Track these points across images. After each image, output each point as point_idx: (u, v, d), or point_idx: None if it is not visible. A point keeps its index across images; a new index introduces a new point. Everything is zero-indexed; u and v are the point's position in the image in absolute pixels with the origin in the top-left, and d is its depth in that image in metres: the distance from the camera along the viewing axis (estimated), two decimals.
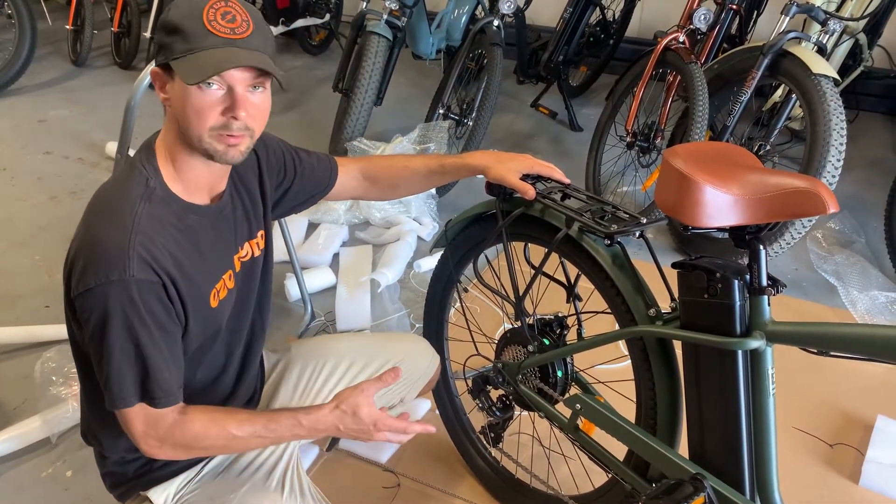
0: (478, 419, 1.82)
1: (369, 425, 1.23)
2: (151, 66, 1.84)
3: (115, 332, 1.09)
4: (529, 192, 1.42)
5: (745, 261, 1.19)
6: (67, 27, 4.99)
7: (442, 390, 1.86)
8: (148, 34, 4.60)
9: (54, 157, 3.75)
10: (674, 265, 1.25)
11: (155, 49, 1.16)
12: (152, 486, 1.33)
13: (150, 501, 1.32)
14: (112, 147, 3.68)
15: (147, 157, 1.19)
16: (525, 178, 1.45)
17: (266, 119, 1.20)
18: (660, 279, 1.35)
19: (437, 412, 1.93)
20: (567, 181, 1.48)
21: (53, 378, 2.01)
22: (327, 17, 5.17)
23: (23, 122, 4.14)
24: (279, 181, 1.45)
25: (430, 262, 2.80)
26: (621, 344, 2.24)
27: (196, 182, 1.21)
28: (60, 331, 2.32)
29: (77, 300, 1.10)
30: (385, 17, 3.37)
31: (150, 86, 1.94)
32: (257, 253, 1.37)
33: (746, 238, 1.19)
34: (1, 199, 3.30)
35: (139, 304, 1.09)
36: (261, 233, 1.38)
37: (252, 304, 1.40)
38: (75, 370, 1.98)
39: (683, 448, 1.33)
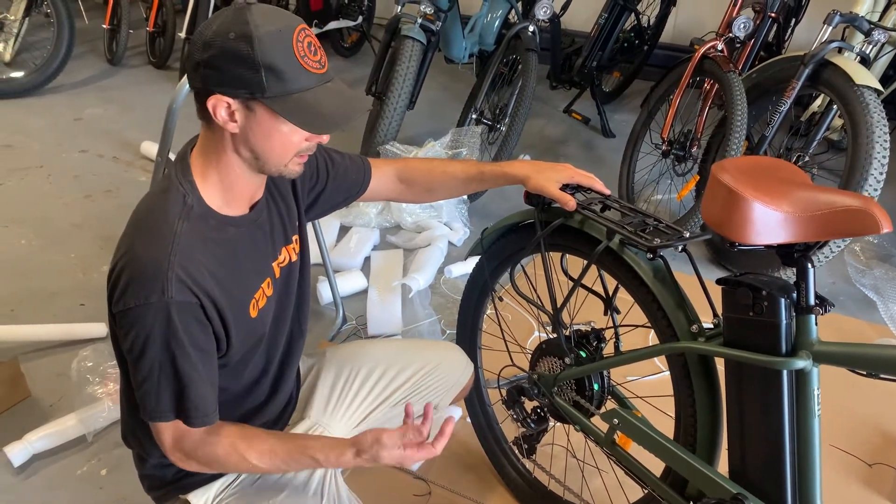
0: (510, 429, 1.81)
1: (387, 448, 1.20)
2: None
3: (153, 351, 1.11)
4: (570, 202, 1.41)
5: (781, 274, 1.17)
6: (104, 26, 5.05)
7: (474, 399, 1.85)
8: (183, 34, 4.64)
9: (89, 155, 3.80)
10: (718, 281, 1.23)
11: (219, 79, 1.07)
12: (191, 490, 1.34)
13: None
14: (147, 146, 3.72)
15: (182, 172, 1.19)
16: (564, 188, 1.44)
17: None
18: (701, 292, 1.32)
19: (469, 420, 1.92)
20: (607, 192, 1.46)
21: (89, 377, 2.03)
22: (360, 19, 5.18)
23: (59, 120, 4.20)
24: (312, 184, 1.45)
25: (460, 268, 2.79)
26: (656, 358, 2.22)
27: (238, 193, 1.22)
28: (96, 329, 2.35)
29: (117, 316, 1.12)
30: (419, 21, 3.37)
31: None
32: (294, 258, 1.38)
33: (795, 256, 1.16)
34: (38, 196, 3.35)
35: (177, 326, 1.10)
36: (296, 237, 1.39)
37: (290, 310, 1.40)
38: (111, 369, 2.03)
39: (723, 467, 1.31)
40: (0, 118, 4.16)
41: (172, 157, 2.11)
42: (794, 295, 1.16)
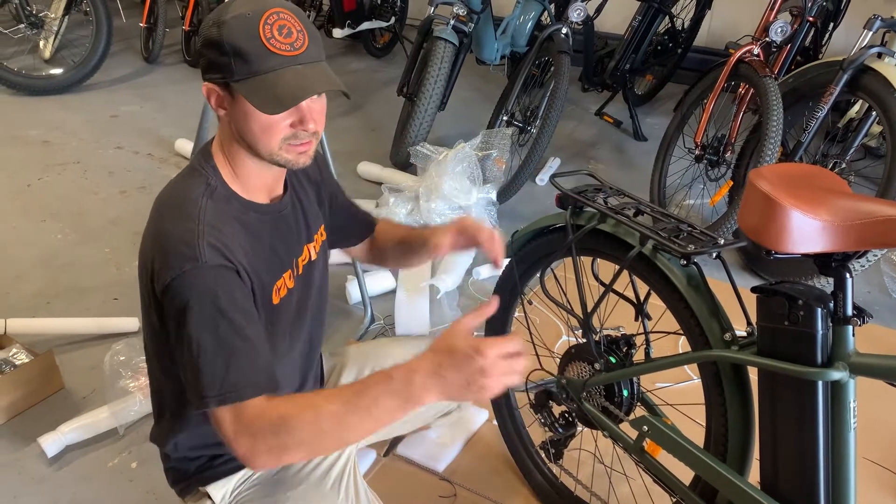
0: (537, 433, 1.80)
1: (473, 354, 0.99)
2: None
3: (194, 325, 1.06)
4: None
5: (815, 282, 1.15)
6: (141, 25, 5.13)
7: (501, 402, 1.85)
8: None
9: (125, 151, 3.86)
10: (753, 289, 1.21)
11: (204, 65, 1.12)
12: (211, 481, 1.35)
13: (209, 496, 1.34)
14: (181, 144, 3.77)
15: (205, 159, 1.22)
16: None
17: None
18: (734, 300, 1.31)
19: (496, 423, 1.92)
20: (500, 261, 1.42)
21: (121, 371, 2.06)
22: (392, 20, 5.20)
23: (96, 117, 4.27)
24: (327, 209, 1.48)
25: (489, 270, 2.79)
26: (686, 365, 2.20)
27: (255, 184, 1.23)
28: (129, 323, 2.38)
29: (163, 300, 1.10)
30: (452, 22, 3.38)
31: None
32: (314, 257, 1.39)
33: (833, 265, 1.14)
34: (74, 192, 3.41)
35: (217, 290, 1.07)
36: (317, 237, 1.40)
37: (310, 309, 1.40)
38: (143, 364, 2.06)
39: (753, 477, 1.29)
40: (39, 114, 4.24)
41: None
42: (831, 305, 1.14)
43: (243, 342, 1.08)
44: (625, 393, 1.49)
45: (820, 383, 1.15)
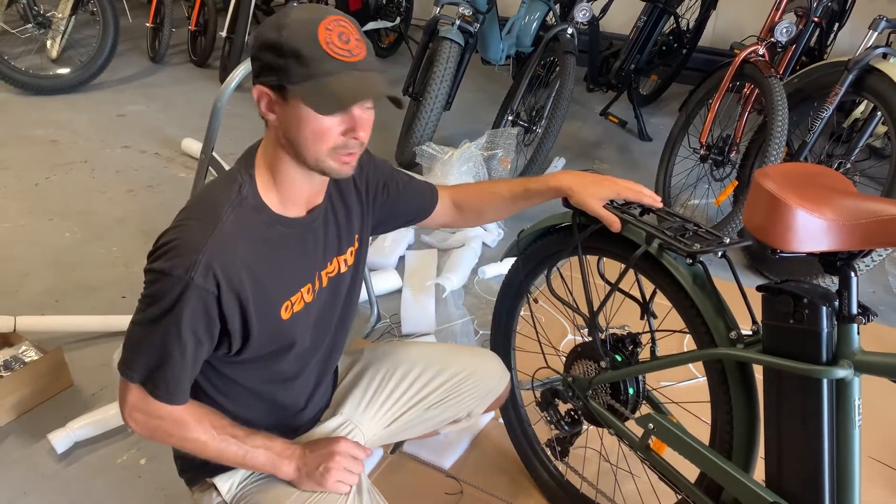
0: (543, 431, 1.82)
1: (331, 442, 1.33)
2: (241, 69, 1.91)
3: (152, 316, 1.13)
4: (615, 224, 1.39)
5: (821, 281, 1.16)
6: (147, 25, 5.16)
7: (508, 400, 1.86)
8: (224, 33, 4.72)
9: (131, 151, 3.88)
10: (759, 288, 1.22)
11: (258, 68, 1.14)
12: (218, 473, 1.36)
13: (216, 487, 1.35)
14: (187, 143, 3.78)
15: (246, 165, 1.22)
16: (609, 204, 1.43)
17: None
18: (739, 298, 1.32)
19: (502, 421, 1.93)
20: (659, 204, 1.43)
21: None
22: (397, 20, 5.22)
23: (103, 116, 4.29)
24: (384, 200, 1.47)
25: (494, 269, 2.80)
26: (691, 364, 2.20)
27: (294, 195, 1.23)
28: None
29: (146, 271, 1.16)
30: (458, 22, 3.39)
31: (236, 88, 1.99)
32: (344, 269, 1.38)
33: (837, 264, 1.15)
34: (81, 191, 3.42)
35: (184, 306, 1.12)
36: (350, 249, 1.39)
37: (334, 320, 1.41)
38: None
39: (758, 474, 1.30)
40: (46, 114, 4.27)
41: (216, 154, 2.16)
42: (836, 303, 1.15)
43: (180, 358, 1.17)
44: (630, 391, 1.50)
45: (825, 381, 1.16)
